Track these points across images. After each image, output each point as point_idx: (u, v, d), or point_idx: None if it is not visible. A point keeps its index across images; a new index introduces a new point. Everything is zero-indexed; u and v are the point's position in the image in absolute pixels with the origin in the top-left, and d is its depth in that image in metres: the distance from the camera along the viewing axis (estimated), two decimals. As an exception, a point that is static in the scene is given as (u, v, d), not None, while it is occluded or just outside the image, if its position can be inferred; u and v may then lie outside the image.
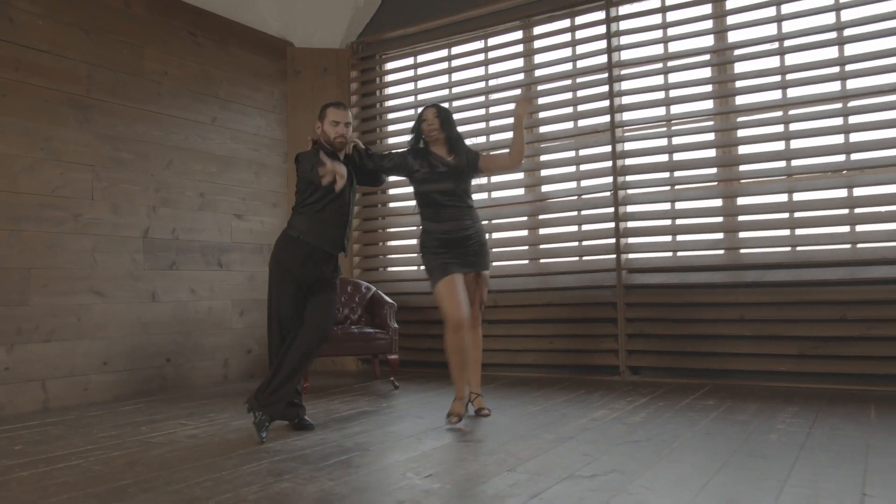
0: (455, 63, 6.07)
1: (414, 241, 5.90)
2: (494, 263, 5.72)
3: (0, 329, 4.23)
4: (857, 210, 4.54)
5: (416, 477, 2.62)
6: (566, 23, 5.56)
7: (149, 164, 5.11)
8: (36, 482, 2.66)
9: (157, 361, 5.07)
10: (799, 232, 4.71)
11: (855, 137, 4.56)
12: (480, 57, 5.94)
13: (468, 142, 4.00)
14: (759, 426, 3.34)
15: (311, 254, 3.52)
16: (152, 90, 5.18)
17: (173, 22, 5.37)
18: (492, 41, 5.92)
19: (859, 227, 4.53)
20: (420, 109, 3.96)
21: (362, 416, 3.91)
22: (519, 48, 5.79)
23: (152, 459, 2.98)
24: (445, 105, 6.02)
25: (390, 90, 6.46)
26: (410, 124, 6.04)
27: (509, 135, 5.73)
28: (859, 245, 4.53)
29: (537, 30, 5.72)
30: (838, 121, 4.62)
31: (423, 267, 3.91)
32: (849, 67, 4.59)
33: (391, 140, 6.34)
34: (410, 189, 5.63)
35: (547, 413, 3.85)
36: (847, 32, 4.60)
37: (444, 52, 6.14)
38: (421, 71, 6.26)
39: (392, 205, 6.34)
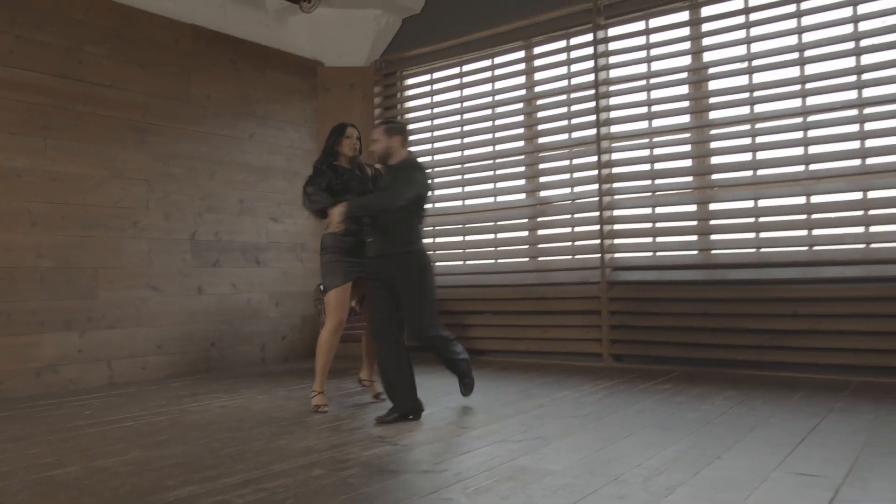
0: (466, 80, 6.74)
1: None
2: (500, 260, 6.43)
3: (74, 318, 5.15)
4: (815, 215, 5.03)
5: (382, 440, 3.36)
6: (562, 43, 6.16)
7: (196, 177, 5.98)
8: (99, 437, 3.52)
9: (203, 345, 5.96)
10: (763, 235, 5.23)
11: (813, 150, 5.05)
12: (488, 74, 6.60)
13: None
14: (687, 406, 3.95)
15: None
16: (198, 112, 6.04)
17: (216, 52, 6.21)
18: (497, 60, 6.56)
19: (815, 231, 5.03)
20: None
21: (364, 394, 4.66)
22: (521, 66, 6.42)
23: (187, 422, 3.82)
24: (456, 118, 6.74)
25: (410, 104, 7.18)
26: (428, 135, 6.81)
27: (511, 145, 6.41)
28: (815, 248, 5.03)
29: (537, 49, 6.34)
30: (798, 134, 5.11)
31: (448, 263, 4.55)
32: (865, 76, 4.94)
33: (411, 148, 7.06)
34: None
35: (519, 393, 4.54)
36: (863, 43, 4.88)
37: (456, 70, 6.81)
38: (436, 86, 6.95)
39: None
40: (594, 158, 5.83)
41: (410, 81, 7.20)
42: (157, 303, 5.66)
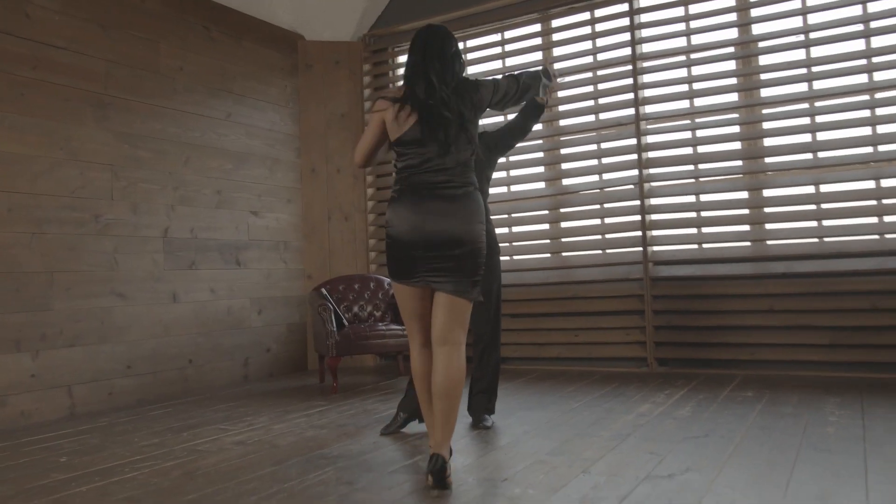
0: (471, 56, 6.00)
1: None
2: (516, 257, 5.70)
3: (25, 335, 4.11)
4: (885, 201, 4.55)
5: (490, 482, 2.58)
6: (586, 15, 5.50)
7: (166, 162, 5.00)
8: (98, 498, 2.58)
9: (179, 363, 4.98)
10: (826, 223, 4.72)
11: (882, 129, 4.58)
12: (497, 50, 5.88)
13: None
14: (810, 419, 3.34)
15: None
16: (168, 86, 5.06)
17: (188, 17, 5.25)
18: (508, 34, 5.85)
19: (887, 218, 4.55)
20: None
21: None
22: (537, 41, 5.73)
23: (209, 470, 2.91)
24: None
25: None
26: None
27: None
28: (887, 235, 4.55)
29: (555, 23, 5.66)
30: (865, 113, 4.63)
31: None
32: (875, 60, 4.61)
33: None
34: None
35: (590, 409, 3.82)
36: (873, 25, 4.61)
37: (459, 45, 6.05)
38: (435, 64, 6.17)
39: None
40: (633, 141, 5.19)
41: (404, 59, 6.38)
42: (124, 314, 4.66)
